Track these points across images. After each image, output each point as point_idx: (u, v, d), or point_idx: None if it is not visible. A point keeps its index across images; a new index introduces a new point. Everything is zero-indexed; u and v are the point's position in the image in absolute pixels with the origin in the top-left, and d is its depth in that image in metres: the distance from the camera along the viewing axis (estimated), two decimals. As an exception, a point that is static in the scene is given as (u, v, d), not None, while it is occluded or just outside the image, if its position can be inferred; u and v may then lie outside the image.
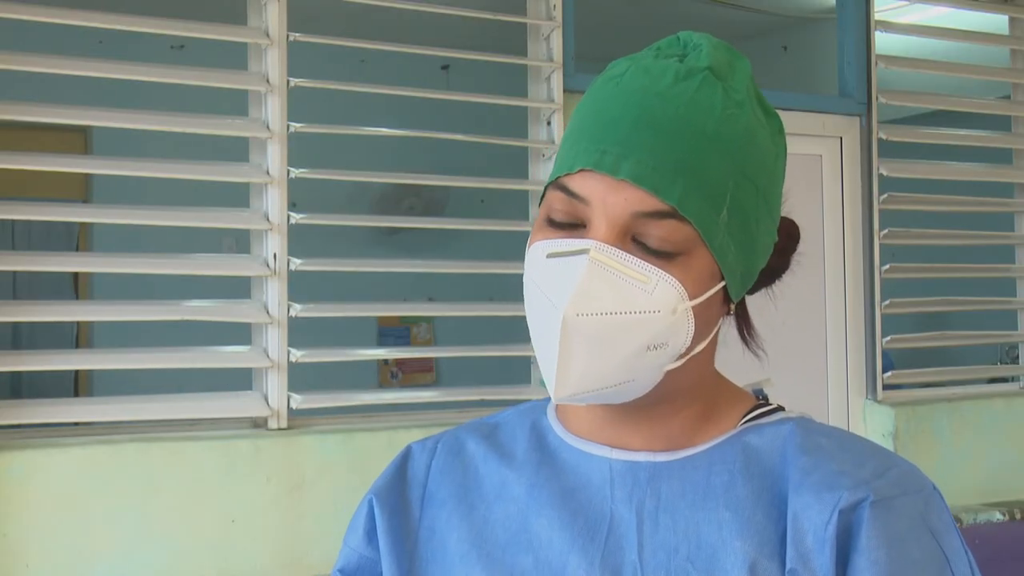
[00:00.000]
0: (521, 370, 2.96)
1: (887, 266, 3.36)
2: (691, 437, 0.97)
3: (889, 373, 3.37)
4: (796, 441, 0.95)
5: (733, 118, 0.91)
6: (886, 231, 3.34)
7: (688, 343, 0.91)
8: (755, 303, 1.03)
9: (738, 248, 0.92)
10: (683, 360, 0.91)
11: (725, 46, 0.95)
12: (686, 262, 0.89)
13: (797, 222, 1.03)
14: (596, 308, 0.87)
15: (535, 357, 3.05)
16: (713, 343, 0.97)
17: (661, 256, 0.89)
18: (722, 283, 0.92)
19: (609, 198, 0.89)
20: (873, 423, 3.27)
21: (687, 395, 0.97)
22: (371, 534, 1.04)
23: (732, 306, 0.97)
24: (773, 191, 0.96)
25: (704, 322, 0.92)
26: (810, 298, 3.25)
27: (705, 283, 0.91)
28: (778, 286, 1.04)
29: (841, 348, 3.35)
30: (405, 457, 1.08)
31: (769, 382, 1.06)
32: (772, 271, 1.01)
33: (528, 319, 0.94)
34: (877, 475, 0.91)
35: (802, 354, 3.25)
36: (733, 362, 1.04)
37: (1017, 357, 3.75)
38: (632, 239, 0.89)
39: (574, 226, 0.91)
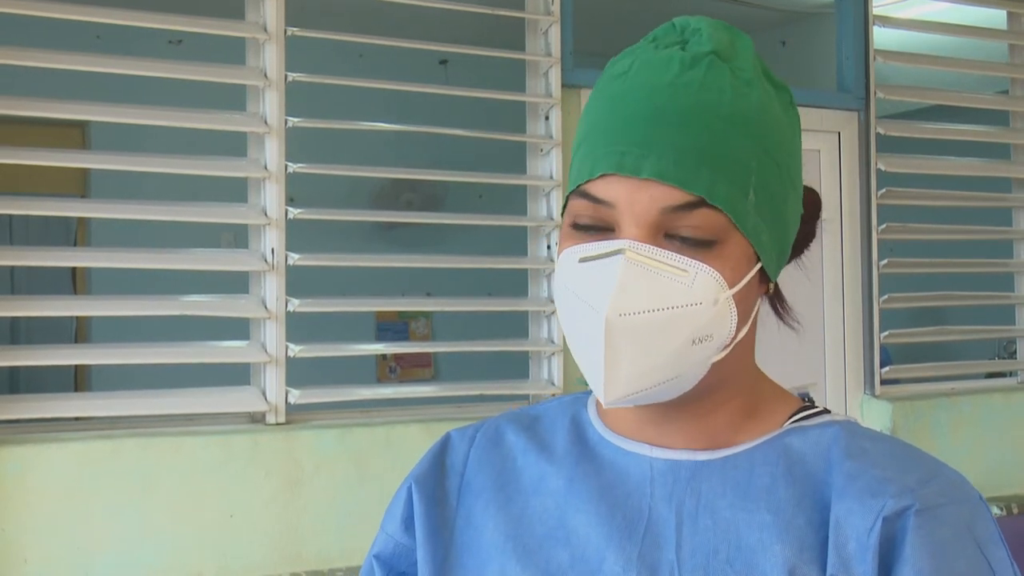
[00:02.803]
0: (519, 365, 2.96)
1: (885, 261, 3.36)
2: (734, 435, 0.96)
3: (887, 368, 3.37)
4: (841, 445, 0.93)
5: (745, 97, 0.90)
6: (884, 226, 3.34)
7: (733, 331, 0.90)
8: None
9: (770, 227, 0.92)
10: (728, 350, 0.91)
11: (723, 26, 0.94)
12: (721, 251, 0.88)
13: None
14: (638, 307, 0.86)
15: (532, 352, 3.04)
16: (754, 327, 0.96)
17: (696, 247, 0.88)
18: (758, 265, 0.92)
19: (635, 198, 0.88)
20: (871, 418, 3.27)
21: (730, 387, 0.96)
22: (408, 522, 1.04)
23: (771, 285, 0.96)
24: (794, 164, 0.95)
25: (745, 307, 0.91)
26: (808, 293, 3.25)
27: (742, 269, 0.90)
28: (790, 270, 1.03)
29: (839, 343, 3.35)
30: (444, 445, 1.07)
31: (815, 386, 1.05)
32: (799, 241, 1.00)
33: (564, 327, 0.93)
34: (923, 483, 0.89)
35: (800, 349, 3.25)
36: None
37: (1015, 352, 3.75)
38: (664, 235, 0.88)
39: (602, 231, 0.90)
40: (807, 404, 1.01)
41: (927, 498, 0.88)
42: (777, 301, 1.01)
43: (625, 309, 0.86)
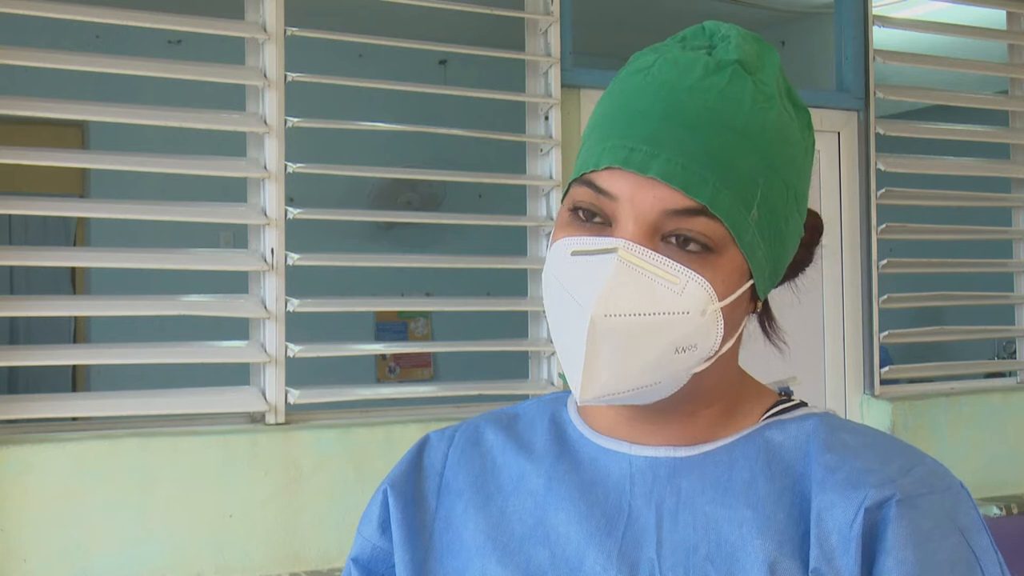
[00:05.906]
0: (519, 365, 2.96)
1: (884, 261, 3.36)
2: (713, 433, 0.96)
3: (886, 368, 3.37)
4: (820, 438, 0.93)
5: (763, 112, 0.89)
6: (883, 226, 3.34)
7: (717, 345, 0.89)
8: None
9: (767, 245, 0.91)
10: (711, 362, 0.90)
11: (754, 37, 0.94)
12: (716, 262, 0.87)
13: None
14: (624, 309, 0.85)
15: (532, 352, 3.04)
16: (738, 342, 0.95)
17: (691, 255, 0.87)
18: (750, 281, 0.91)
19: (638, 196, 0.86)
20: (870, 418, 3.27)
21: (711, 394, 0.95)
22: (385, 525, 1.03)
23: (759, 304, 0.95)
24: (802, 187, 0.94)
25: (732, 322, 0.90)
26: (807, 293, 3.25)
27: (734, 283, 0.89)
28: (800, 279, 1.02)
29: (839, 343, 3.35)
30: (422, 446, 1.07)
31: (795, 379, 1.04)
32: (796, 265, 0.99)
33: (549, 318, 0.92)
34: (903, 473, 0.89)
35: (799, 349, 3.24)
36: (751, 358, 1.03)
37: (1014, 352, 3.75)
38: (661, 238, 0.87)
39: (600, 224, 0.89)
40: (783, 398, 1.00)
41: (908, 487, 0.88)
42: (766, 319, 1.01)
43: (611, 310, 0.85)
